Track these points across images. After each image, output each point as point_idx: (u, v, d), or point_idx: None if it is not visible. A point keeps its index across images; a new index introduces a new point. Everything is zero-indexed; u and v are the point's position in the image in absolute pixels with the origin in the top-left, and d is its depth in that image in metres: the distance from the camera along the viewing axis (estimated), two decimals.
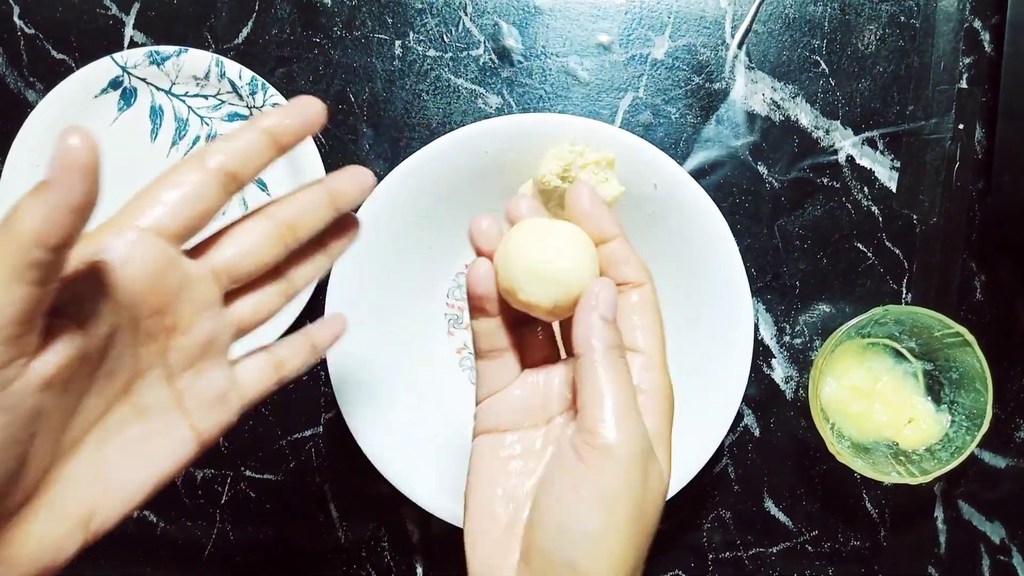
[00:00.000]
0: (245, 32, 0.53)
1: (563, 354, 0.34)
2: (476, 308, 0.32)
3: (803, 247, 0.53)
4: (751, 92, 0.52)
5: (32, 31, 0.54)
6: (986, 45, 0.52)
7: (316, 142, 0.52)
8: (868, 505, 0.53)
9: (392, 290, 0.51)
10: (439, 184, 0.49)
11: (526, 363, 0.33)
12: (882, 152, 0.52)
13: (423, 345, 0.53)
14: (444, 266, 0.53)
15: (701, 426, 0.48)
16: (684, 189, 0.47)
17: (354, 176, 0.32)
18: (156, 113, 0.53)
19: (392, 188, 0.48)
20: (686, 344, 0.50)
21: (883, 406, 0.50)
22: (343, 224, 0.33)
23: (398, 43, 0.53)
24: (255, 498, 0.55)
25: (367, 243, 0.49)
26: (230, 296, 0.31)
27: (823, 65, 0.52)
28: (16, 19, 0.54)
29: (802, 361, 0.53)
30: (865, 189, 0.52)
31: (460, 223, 0.51)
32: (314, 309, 0.53)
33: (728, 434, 0.53)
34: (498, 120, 0.48)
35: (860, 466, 0.48)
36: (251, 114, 0.52)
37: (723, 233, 0.47)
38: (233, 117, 0.53)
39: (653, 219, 0.49)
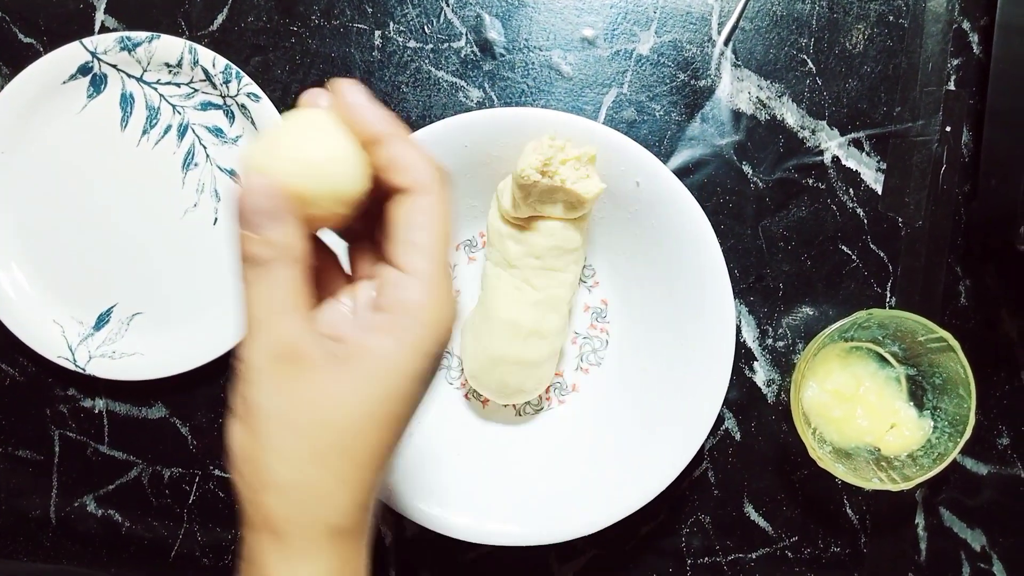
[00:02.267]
0: (220, 19, 0.52)
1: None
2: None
3: (787, 249, 0.52)
4: (737, 90, 0.51)
5: None
6: (974, 47, 0.51)
7: None
8: (849, 511, 0.52)
9: None
10: None
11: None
12: (868, 153, 0.52)
13: None
14: None
15: (681, 429, 0.47)
16: (667, 187, 0.46)
17: None
18: (127, 101, 0.51)
19: None
20: (666, 346, 0.49)
21: (865, 411, 0.50)
22: None
23: (378, 33, 0.52)
24: (224, 498, 0.54)
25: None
26: None
27: (810, 64, 0.52)
28: None
29: (784, 364, 0.52)
30: (850, 191, 0.52)
31: None
32: None
33: (708, 438, 0.52)
34: (479, 113, 0.47)
35: (841, 472, 0.47)
36: (225, 104, 0.51)
37: (706, 233, 0.46)
38: (207, 106, 0.51)
39: (635, 217, 0.48)
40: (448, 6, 0.52)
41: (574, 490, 0.49)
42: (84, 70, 0.51)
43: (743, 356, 0.52)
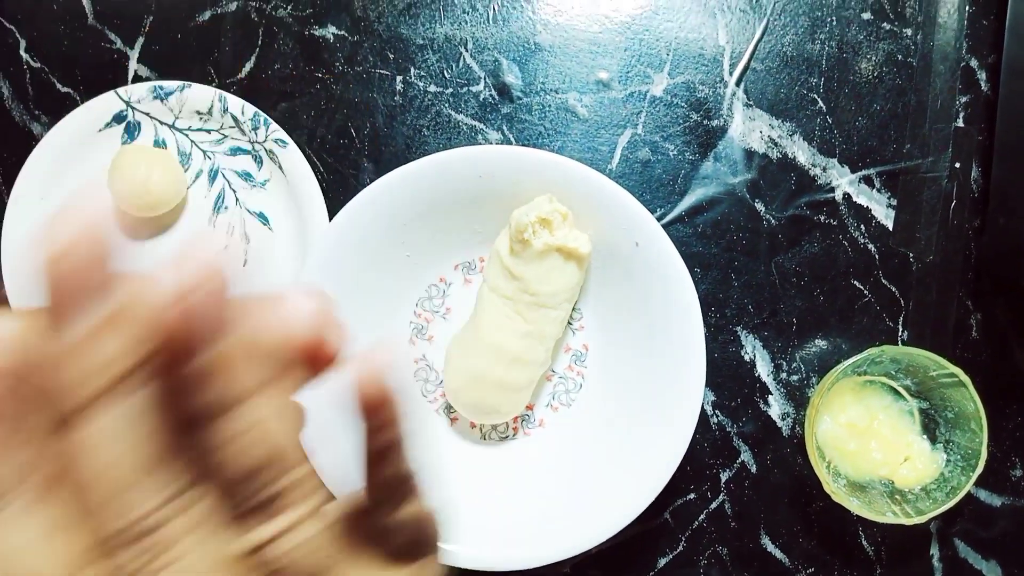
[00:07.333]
0: (248, 67, 0.54)
1: None
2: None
3: (800, 284, 0.53)
4: (749, 129, 0.53)
5: (38, 64, 0.54)
6: (982, 84, 0.52)
7: (317, 176, 0.53)
8: (864, 543, 0.53)
9: (362, 293, 0.50)
10: (431, 195, 0.49)
11: None
12: (879, 190, 0.53)
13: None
14: (419, 276, 0.52)
15: (635, 483, 0.48)
16: (662, 257, 0.47)
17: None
18: (159, 147, 0.53)
19: (382, 191, 0.48)
20: (634, 404, 0.50)
21: (879, 444, 0.50)
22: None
23: (399, 79, 0.54)
24: None
25: (345, 240, 0.48)
26: None
27: (820, 103, 0.53)
28: (22, 52, 0.54)
29: (799, 398, 0.53)
30: (862, 227, 0.53)
31: (442, 237, 0.51)
32: None
33: (724, 470, 0.53)
34: (498, 148, 0.48)
35: (856, 506, 0.48)
36: (253, 149, 0.53)
37: (691, 312, 0.47)
38: (236, 151, 0.53)
39: (629, 276, 0.49)
40: (467, 51, 0.53)
41: (522, 523, 0.49)
42: (119, 118, 0.53)
43: (758, 390, 0.53)
